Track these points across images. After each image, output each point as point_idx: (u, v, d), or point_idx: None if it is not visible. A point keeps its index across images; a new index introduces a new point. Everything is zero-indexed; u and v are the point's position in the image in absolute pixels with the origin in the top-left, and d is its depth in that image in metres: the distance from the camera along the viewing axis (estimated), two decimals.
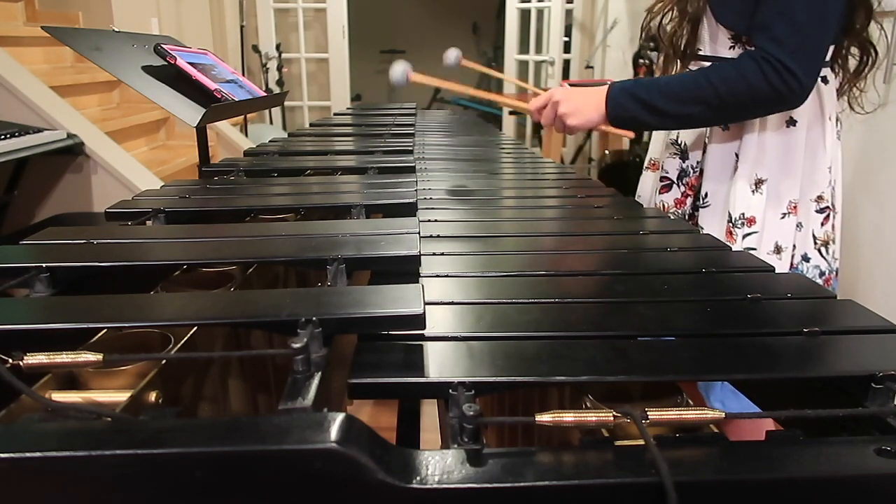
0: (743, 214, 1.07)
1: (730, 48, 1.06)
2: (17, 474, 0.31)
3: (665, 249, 0.76)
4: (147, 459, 0.31)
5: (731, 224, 1.08)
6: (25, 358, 0.39)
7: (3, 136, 1.73)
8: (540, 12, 4.32)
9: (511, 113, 4.67)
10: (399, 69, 1.09)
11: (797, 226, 1.09)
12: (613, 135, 1.18)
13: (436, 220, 0.87)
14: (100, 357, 0.40)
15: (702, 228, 1.13)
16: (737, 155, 1.09)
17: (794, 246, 1.10)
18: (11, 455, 0.31)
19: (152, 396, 0.44)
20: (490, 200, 1.04)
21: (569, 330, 0.51)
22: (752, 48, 1.01)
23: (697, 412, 0.38)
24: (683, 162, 1.16)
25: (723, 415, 0.38)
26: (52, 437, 0.32)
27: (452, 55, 1.30)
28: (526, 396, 0.68)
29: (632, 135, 1.15)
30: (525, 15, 4.40)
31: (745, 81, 0.96)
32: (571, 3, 4.22)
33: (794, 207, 1.08)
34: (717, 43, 1.07)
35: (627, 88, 1.04)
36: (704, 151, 1.13)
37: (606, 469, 0.34)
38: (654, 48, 3.04)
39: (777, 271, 0.69)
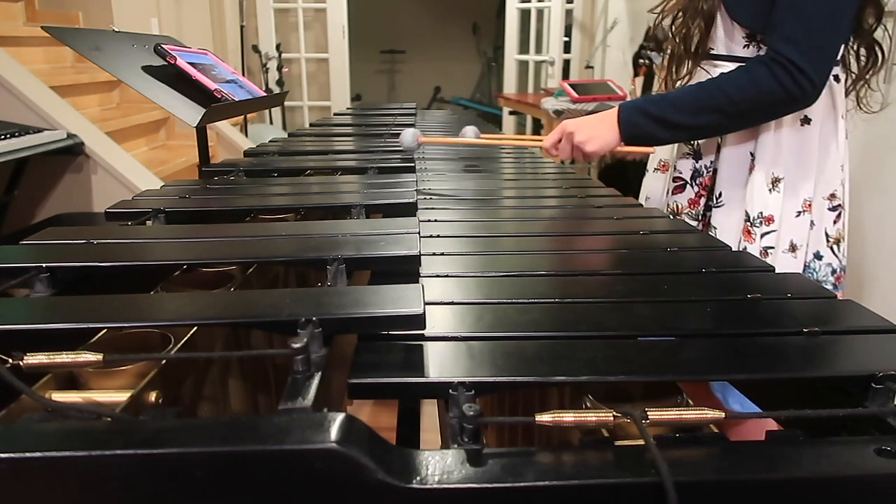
0: (761, 213, 1.07)
1: (744, 47, 1.06)
2: (17, 474, 0.31)
3: (665, 249, 0.76)
4: (147, 459, 0.31)
5: (749, 223, 1.09)
6: (25, 358, 0.39)
7: (3, 136, 1.73)
8: (540, 12, 4.32)
9: (511, 113, 4.68)
10: (410, 136, 1.16)
11: (810, 224, 1.09)
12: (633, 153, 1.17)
13: (436, 220, 0.86)
14: (100, 357, 0.40)
15: (715, 228, 1.13)
16: (752, 154, 1.09)
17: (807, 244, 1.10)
18: (11, 455, 0.31)
19: (152, 396, 0.44)
20: (490, 200, 1.04)
21: (569, 330, 0.51)
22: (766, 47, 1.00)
23: (697, 412, 0.38)
24: (697, 162, 1.16)
25: (723, 415, 0.38)
26: (52, 437, 0.32)
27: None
28: (526, 396, 0.68)
29: (653, 150, 1.16)
30: (525, 15, 4.40)
31: (757, 86, 0.96)
32: (571, 3, 4.22)
33: (809, 205, 1.08)
34: (731, 41, 1.07)
35: (638, 106, 1.06)
36: (718, 151, 1.13)
37: (606, 469, 0.34)
38: (654, 48, 3.03)
39: (791, 270, 0.68)
